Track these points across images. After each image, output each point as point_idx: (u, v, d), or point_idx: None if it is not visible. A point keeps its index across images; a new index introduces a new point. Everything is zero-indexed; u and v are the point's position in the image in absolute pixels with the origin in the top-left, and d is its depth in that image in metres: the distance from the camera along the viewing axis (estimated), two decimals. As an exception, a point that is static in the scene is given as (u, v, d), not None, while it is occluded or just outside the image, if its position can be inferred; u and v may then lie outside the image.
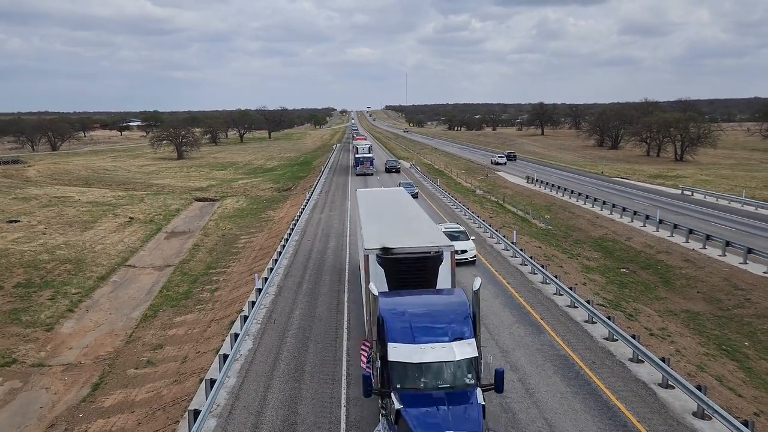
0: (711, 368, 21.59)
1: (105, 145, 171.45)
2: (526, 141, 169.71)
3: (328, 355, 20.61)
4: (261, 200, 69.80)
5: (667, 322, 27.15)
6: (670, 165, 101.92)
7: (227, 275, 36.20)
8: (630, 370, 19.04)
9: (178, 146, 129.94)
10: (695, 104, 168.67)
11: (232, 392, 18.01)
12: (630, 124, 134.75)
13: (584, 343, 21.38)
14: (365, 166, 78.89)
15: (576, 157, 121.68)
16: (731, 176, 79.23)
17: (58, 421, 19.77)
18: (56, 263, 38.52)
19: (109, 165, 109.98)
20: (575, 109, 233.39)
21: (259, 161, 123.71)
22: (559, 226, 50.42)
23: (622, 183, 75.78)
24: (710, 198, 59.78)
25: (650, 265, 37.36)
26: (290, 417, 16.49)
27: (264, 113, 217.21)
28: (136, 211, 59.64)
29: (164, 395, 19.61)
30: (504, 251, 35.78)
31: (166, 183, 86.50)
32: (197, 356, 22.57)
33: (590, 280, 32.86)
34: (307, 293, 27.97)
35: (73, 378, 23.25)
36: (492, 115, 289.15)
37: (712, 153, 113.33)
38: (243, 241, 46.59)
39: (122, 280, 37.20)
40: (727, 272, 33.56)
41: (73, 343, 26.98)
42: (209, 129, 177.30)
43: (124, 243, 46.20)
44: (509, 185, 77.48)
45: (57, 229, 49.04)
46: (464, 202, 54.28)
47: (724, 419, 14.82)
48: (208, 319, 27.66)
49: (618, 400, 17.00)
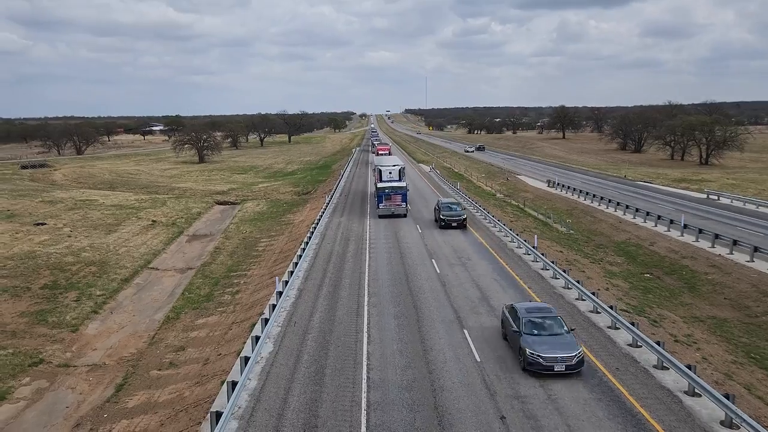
0: (739, 376, 21.14)
1: (128, 149, 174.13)
2: (546, 144, 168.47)
3: (348, 359, 20.61)
4: (281, 204, 70.21)
5: (693, 328, 26.67)
6: (695, 169, 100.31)
7: (248, 278, 36.44)
8: (654, 377, 18.72)
9: (199, 150, 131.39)
10: (721, 107, 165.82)
11: (254, 394, 18.09)
12: (653, 128, 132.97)
13: (607, 349, 21.09)
14: (393, 202, 48.83)
15: (598, 161, 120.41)
16: (759, 180, 77.69)
17: (84, 420, 20.04)
18: (81, 265, 39.14)
19: (132, 169, 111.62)
20: (597, 112, 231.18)
21: (279, 165, 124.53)
22: (581, 231, 49.89)
23: (645, 187, 74.75)
24: (737, 202, 58.66)
25: (675, 271, 36.77)
26: (311, 420, 16.51)
27: (284, 117, 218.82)
28: (158, 215, 60.38)
29: (186, 397, 19.77)
30: (525, 255, 35.49)
31: (187, 186, 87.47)
32: (219, 358, 22.73)
33: (613, 286, 32.44)
34: (327, 296, 28.02)
35: (97, 378, 23.57)
36: (512, 119, 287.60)
37: (738, 156, 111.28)
38: (263, 244, 46.88)
39: (145, 283, 37.65)
40: (755, 278, 32.87)
41: (97, 344, 27.36)
42: (230, 133, 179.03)
43: (146, 246, 46.79)
44: (530, 189, 76.89)
45: (82, 231, 49.85)
46: (485, 206, 53.99)
47: (753, 429, 14.48)
48: (229, 322, 27.86)
49: (642, 408, 16.72)
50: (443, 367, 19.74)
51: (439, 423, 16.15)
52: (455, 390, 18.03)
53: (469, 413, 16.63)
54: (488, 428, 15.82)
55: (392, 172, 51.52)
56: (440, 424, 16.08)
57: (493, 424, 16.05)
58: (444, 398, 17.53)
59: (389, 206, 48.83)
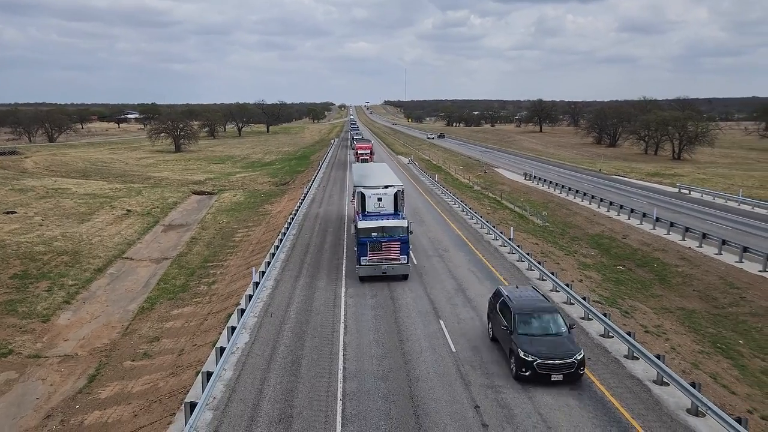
0: (706, 366, 21.70)
1: (103, 138, 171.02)
2: (524, 138, 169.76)
3: (324, 349, 20.67)
4: (259, 194, 69.74)
5: (663, 319, 27.27)
6: (668, 163, 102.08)
7: (224, 268, 36.22)
8: (625, 366, 19.13)
9: (176, 139, 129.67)
10: (693, 103, 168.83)
11: (229, 385, 18.05)
12: (628, 122, 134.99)
13: (580, 339, 21.44)
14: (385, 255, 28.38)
15: (574, 154, 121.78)
16: (728, 175, 79.39)
17: (54, 412, 19.80)
18: (53, 255, 38.48)
19: (106, 157, 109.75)
20: (574, 107, 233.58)
21: (257, 155, 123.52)
22: (556, 223, 50.51)
23: (619, 181, 75.88)
24: (707, 197, 59.92)
25: (646, 263, 37.48)
26: (287, 410, 16.55)
27: (262, 107, 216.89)
28: (133, 204, 59.56)
29: (161, 387, 19.65)
30: (501, 247, 35.84)
31: (163, 176, 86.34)
32: (194, 349, 22.61)
33: (587, 277, 32.96)
34: (304, 287, 28.00)
35: (69, 369, 23.27)
36: (491, 112, 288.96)
37: (709, 152, 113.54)
38: (240, 234, 46.58)
39: (119, 273, 37.18)
40: (723, 271, 33.68)
41: (69, 335, 26.99)
42: (207, 122, 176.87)
43: (121, 235, 46.16)
44: (507, 182, 77.52)
45: (54, 220, 48.96)
46: (462, 198, 54.30)
47: (718, 416, 14.91)
48: (205, 312, 27.69)
49: (613, 397, 17.09)
50: (419, 357, 19.92)
51: (414, 412, 16.32)
52: (430, 380, 18.22)
53: (443, 403, 16.83)
54: (462, 417, 16.04)
55: (383, 198, 31.03)
56: (415, 414, 16.25)
57: (467, 413, 16.27)
58: (419, 388, 17.71)
59: (378, 262, 27.62)
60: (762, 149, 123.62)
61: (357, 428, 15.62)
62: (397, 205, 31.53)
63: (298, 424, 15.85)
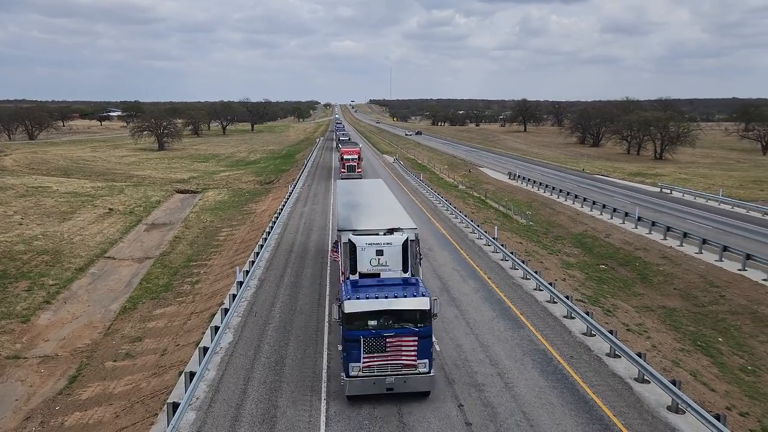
0: (686, 363, 21.99)
1: (84, 135, 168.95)
2: (508, 137, 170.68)
3: (309, 348, 20.62)
4: (243, 193, 69.36)
5: (644, 318, 27.58)
6: (650, 163, 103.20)
7: (208, 268, 35.97)
8: (607, 364, 19.32)
9: (159, 137, 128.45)
10: (675, 103, 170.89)
11: (212, 385, 17.94)
12: (611, 122, 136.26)
13: (563, 338, 21.64)
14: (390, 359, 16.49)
15: (558, 154, 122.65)
16: (709, 175, 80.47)
17: (34, 413, 19.54)
18: (33, 254, 37.95)
19: (88, 155, 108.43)
20: (558, 107, 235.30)
21: (241, 154, 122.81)
22: (540, 223, 50.85)
23: (602, 180, 76.57)
24: (688, 196, 60.67)
25: (629, 262, 37.88)
26: (270, 410, 16.48)
27: (247, 105, 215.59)
28: (115, 203, 58.92)
29: (143, 388, 19.47)
30: (485, 246, 36.01)
31: (146, 174, 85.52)
32: (177, 349, 22.43)
33: (570, 276, 33.23)
34: (288, 286, 27.91)
35: (49, 370, 22.98)
36: (475, 111, 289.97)
37: (690, 152, 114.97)
38: (224, 233, 46.29)
39: (101, 272, 36.77)
40: (703, 269, 34.14)
41: (50, 335, 26.64)
42: (191, 120, 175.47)
43: (103, 234, 45.65)
44: (491, 181, 77.88)
45: (34, 219, 48.28)
46: (447, 198, 54.45)
47: (697, 413, 15.12)
48: (188, 312, 27.48)
49: (595, 395, 17.25)
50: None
51: (398, 411, 16.33)
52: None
53: (426, 403, 16.85)
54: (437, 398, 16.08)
55: (385, 251, 19.98)
56: (399, 413, 16.26)
57: (450, 411, 16.32)
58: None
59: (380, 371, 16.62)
60: (741, 149, 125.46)
61: (341, 428, 15.60)
62: (407, 262, 19.76)
63: (282, 424, 15.79)
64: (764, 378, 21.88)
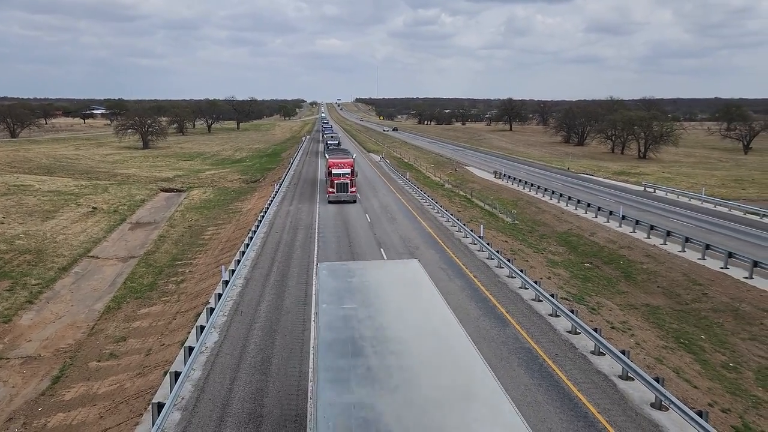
0: (669, 361, 22.24)
1: (67, 133, 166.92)
2: (494, 136, 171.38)
3: (295, 348, 20.57)
4: (229, 192, 68.97)
5: (628, 315, 27.85)
6: (634, 162, 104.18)
7: (193, 267, 35.74)
8: (591, 362, 19.49)
9: (143, 135, 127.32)
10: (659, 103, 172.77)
11: (198, 385, 17.83)
12: (596, 122, 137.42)
13: (548, 336, 21.79)
14: None
15: (543, 153, 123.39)
16: (692, 174, 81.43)
17: (17, 414, 19.29)
18: (15, 253, 37.45)
19: (71, 153, 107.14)
20: (543, 106, 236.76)
21: (227, 152, 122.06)
22: (525, 221, 51.13)
23: (587, 179, 77.18)
24: (671, 195, 61.38)
25: (613, 260, 38.22)
26: (256, 410, 16.42)
27: (232, 103, 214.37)
28: (99, 201, 58.31)
29: (127, 388, 19.31)
30: (471, 245, 36.14)
31: (131, 173, 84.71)
32: (162, 348, 22.27)
33: (555, 275, 33.46)
34: (274, 286, 27.81)
35: (32, 371, 22.69)
36: (461, 110, 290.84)
37: (674, 151, 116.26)
38: (210, 232, 46.02)
39: (84, 272, 36.38)
40: (686, 267, 34.56)
41: (32, 335, 26.31)
42: (176, 118, 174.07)
43: (86, 233, 45.16)
44: (477, 180, 78.16)
45: (16, 218, 47.63)
46: (433, 196, 54.57)
47: (680, 410, 15.31)
48: (173, 312, 27.28)
49: (579, 392, 17.40)
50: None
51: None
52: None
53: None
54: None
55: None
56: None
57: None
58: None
59: None
60: (723, 149, 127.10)
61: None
62: None
63: (268, 423, 15.75)
64: (746, 375, 22.21)
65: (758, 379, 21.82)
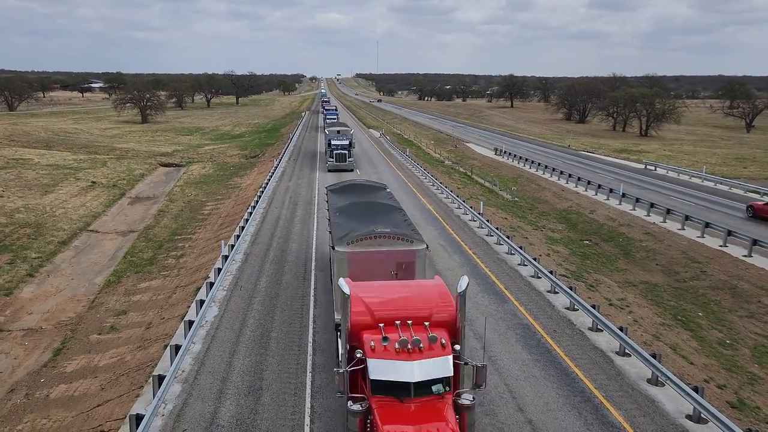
0: (666, 337, 22.40)
1: (66, 107, 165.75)
2: (495, 113, 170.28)
3: (294, 322, 20.68)
4: (228, 167, 68.75)
5: (627, 292, 27.98)
6: (635, 140, 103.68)
7: (193, 242, 35.78)
8: (589, 338, 19.62)
9: (142, 110, 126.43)
10: (661, 80, 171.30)
11: (198, 358, 17.97)
12: (597, 99, 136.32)
13: (546, 312, 21.91)
14: None
15: (544, 130, 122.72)
16: (693, 152, 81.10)
17: (19, 386, 19.48)
18: (15, 227, 37.46)
19: (70, 127, 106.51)
20: (545, 82, 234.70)
21: (226, 127, 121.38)
22: (525, 198, 51.07)
23: (587, 157, 76.88)
24: (672, 173, 61.21)
25: (612, 238, 38.27)
26: (256, 383, 16.57)
27: (232, 78, 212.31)
28: (98, 176, 58.15)
29: (128, 361, 19.46)
30: (471, 222, 36.14)
31: (129, 147, 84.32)
32: (162, 322, 22.40)
33: (554, 252, 33.52)
34: (274, 261, 27.86)
35: (33, 343, 22.86)
36: (462, 86, 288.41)
37: (675, 129, 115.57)
38: (209, 207, 45.98)
39: (84, 245, 36.43)
40: (685, 245, 34.61)
41: (33, 308, 26.45)
42: (175, 93, 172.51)
43: (86, 207, 45.12)
44: (477, 156, 77.87)
45: (15, 192, 47.55)
46: (433, 173, 54.40)
47: (676, 386, 15.45)
48: (173, 286, 27.38)
49: (576, 368, 17.54)
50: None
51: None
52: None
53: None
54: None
55: None
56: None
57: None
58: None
59: None
60: (726, 127, 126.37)
61: (326, 400, 15.73)
62: None
63: (268, 396, 15.90)
64: (742, 351, 22.40)
65: (754, 356, 22.02)
